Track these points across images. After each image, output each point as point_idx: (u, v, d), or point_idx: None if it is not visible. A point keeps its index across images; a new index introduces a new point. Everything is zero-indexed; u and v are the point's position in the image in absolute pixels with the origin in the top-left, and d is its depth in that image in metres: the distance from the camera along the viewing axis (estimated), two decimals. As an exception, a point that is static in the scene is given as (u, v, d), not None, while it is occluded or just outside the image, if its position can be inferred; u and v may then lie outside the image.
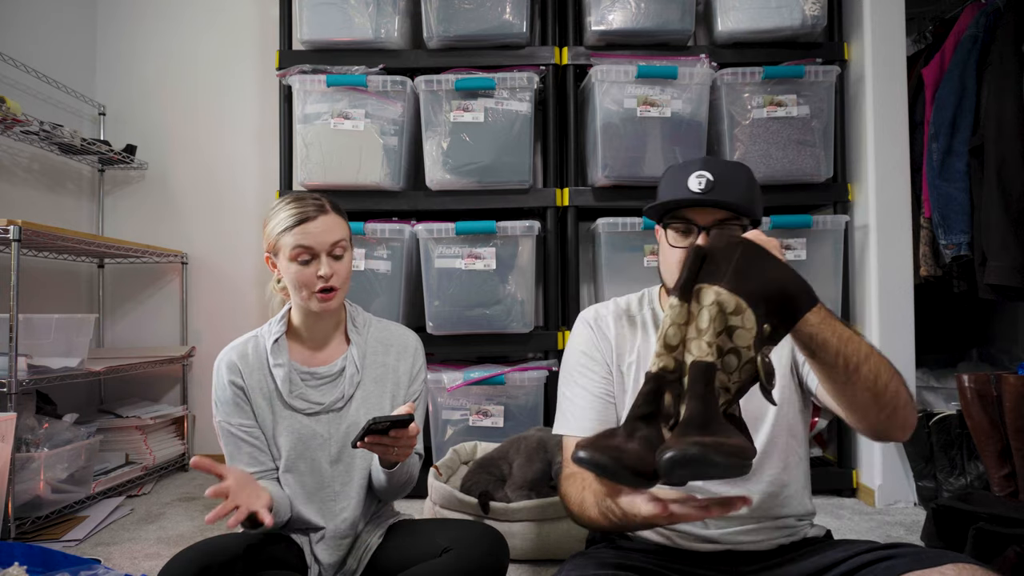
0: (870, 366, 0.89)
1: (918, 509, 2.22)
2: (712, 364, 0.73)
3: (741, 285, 0.74)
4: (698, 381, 0.73)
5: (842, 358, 0.87)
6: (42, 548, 1.56)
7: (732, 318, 0.74)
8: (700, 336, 0.74)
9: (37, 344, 2.09)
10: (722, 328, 0.74)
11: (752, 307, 0.74)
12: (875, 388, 0.89)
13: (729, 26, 2.38)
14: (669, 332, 0.77)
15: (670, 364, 0.77)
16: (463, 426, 2.31)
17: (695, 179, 1.09)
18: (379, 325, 1.44)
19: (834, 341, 0.86)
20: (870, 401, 0.91)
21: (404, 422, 1.15)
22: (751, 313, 0.74)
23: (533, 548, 1.76)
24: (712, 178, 1.08)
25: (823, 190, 2.39)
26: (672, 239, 1.13)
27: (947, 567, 0.88)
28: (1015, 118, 2.12)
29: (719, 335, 0.74)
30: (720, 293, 0.74)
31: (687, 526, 1.11)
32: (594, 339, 1.21)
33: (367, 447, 1.17)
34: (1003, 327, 2.83)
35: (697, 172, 1.09)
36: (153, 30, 2.97)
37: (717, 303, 0.74)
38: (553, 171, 2.48)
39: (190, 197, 2.96)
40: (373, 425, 1.12)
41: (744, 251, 0.77)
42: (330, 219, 1.29)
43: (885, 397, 0.91)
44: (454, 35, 2.37)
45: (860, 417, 0.96)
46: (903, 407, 0.93)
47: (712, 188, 1.07)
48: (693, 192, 1.08)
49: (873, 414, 0.93)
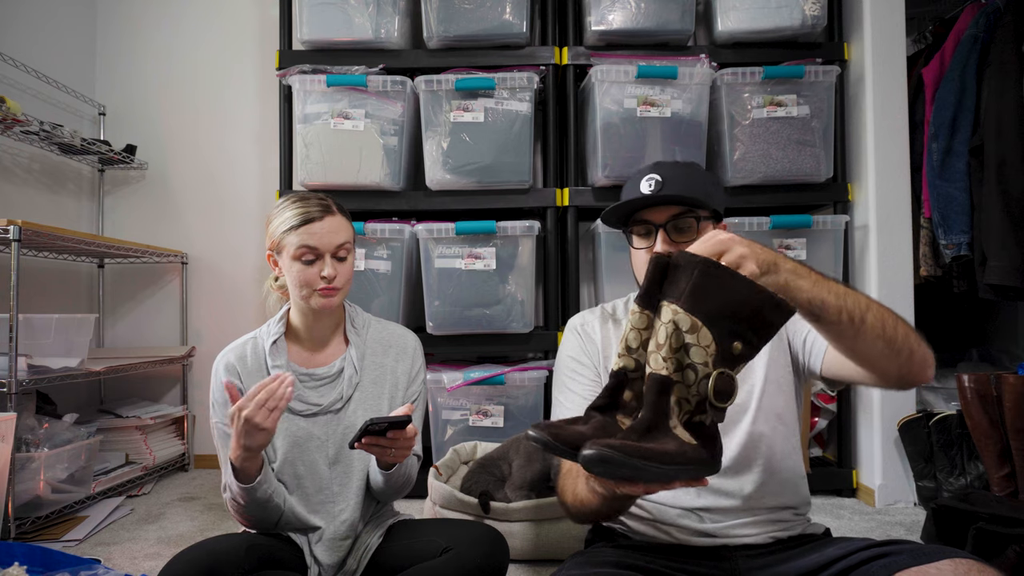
0: (874, 314, 0.90)
1: (918, 509, 2.22)
2: (666, 378, 0.77)
3: (697, 305, 0.77)
4: (651, 391, 0.78)
5: (845, 313, 0.88)
6: (42, 548, 1.56)
7: (688, 336, 0.77)
8: (658, 350, 0.78)
9: (37, 344, 2.09)
10: (679, 345, 0.77)
11: (708, 326, 0.76)
12: (885, 335, 0.91)
13: (729, 26, 2.38)
14: (630, 336, 0.84)
15: (630, 364, 0.84)
16: (463, 426, 2.31)
17: (646, 182, 1.15)
18: (378, 326, 1.44)
19: (832, 299, 0.88)
20: (885, 349, 0.92)
21: (402, 423, 1.15)
22: (707, 332, 0.76)
23: (533, 548, 1.76)
24: (661, 178, 1.14)
25: (823, 190, 2.40)
26: (636, 242, 1.19)
27: (944, 563, 0.88)
28: (1015, 118, 2.12)
29: (676, 351, 0.77)
30: (677, 312, 0.77)
31: (683, 520, 1.12)
32: (582, 344, 1.26)
33: (364, 448, 1.17)
34: (1003, 327, 2.83)
35: (648, 176, 1.16)
36: (153, 30, 2.97)
37: (673, 321, 0.77)
38: (553, 171, 2.48)
39: (190, 197, 2.97)
40: (370, 426, 1.13)
41: (702, 271, 0.78)
42: (336, 221, 1.30)
43: (898, 341, 0.92)
44: (454, 35, 2.37)
45: (882, 369, 0.96)
46: (917, 346, 0.94)
47: (662, 187, 1.13)
48: (644, 195, 1.14)
49: (893, 362, 0.94)
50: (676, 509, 1.13)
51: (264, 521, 1.28)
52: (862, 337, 0.91)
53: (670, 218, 1.14)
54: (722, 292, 0.77)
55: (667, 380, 0.77)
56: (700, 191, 1.14)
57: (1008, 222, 2.10)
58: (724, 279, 0.78)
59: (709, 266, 0.79)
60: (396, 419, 1.14)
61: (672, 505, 1.13)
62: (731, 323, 0.77)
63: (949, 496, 1.94)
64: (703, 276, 0.78)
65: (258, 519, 1.27)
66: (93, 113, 2.92)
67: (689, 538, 1.12)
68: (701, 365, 0.76)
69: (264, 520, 1.28)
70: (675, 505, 1.13)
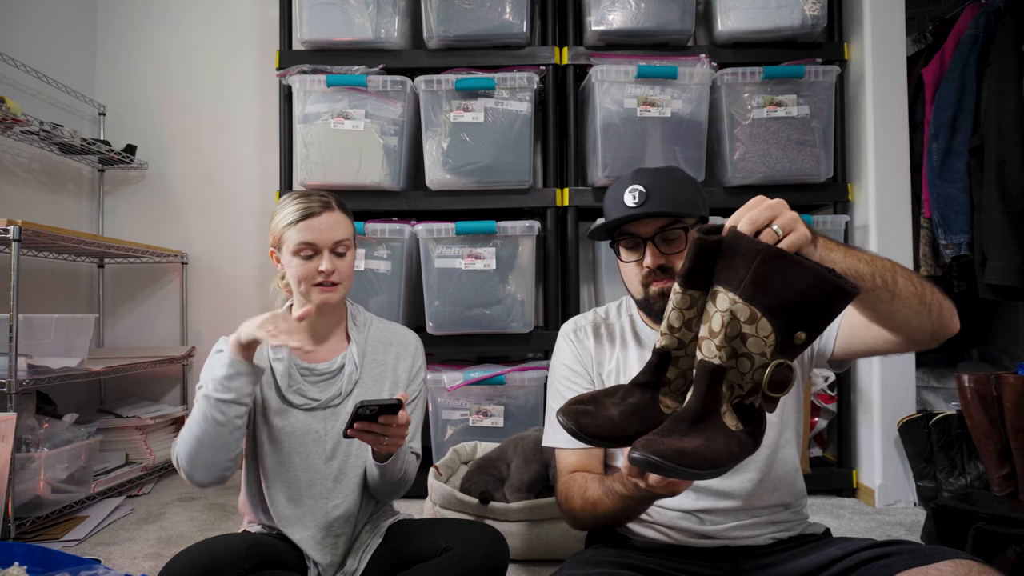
0: (901, 274, 0.90)
1: (918, 509, 2.22)
2: (719, 366, 0.74)
3: (758, 295, 0.73)
4: (702, 379, 0.75)
5: (879, 279, 0.87)
6: (42, 548, 1.56)
7: (745, 326, 0.74)
8: (711, 337, 0.75)
9: (37, 344, 2.09)
10: (735, 334, 0.74)
11: (769, 316, 0.73)
12: (916, 292, 0.90)
13: (729, 26, 2.38)
14: (672, 315, 0.82)
15: (672, 343, 0.83)
16: (463, 426, 2.31)
17: (629, 194, 1.13)
18: (380, 324, 1.45)
19: (866, 268, 0.86)
20: (919, 307, 0.91)
21: (393, 407, 1.14)
22: (767, 323, 0.73)
23: (533, 548, 1.76)
24: (644, 189, 1.12)
25: (823, 190, 2.40)
26: (624, 255, 1.18)
27: (944, 563, 0.88)
28: (1015, 118, 2.12)
29: (731, 340, 0.74)
30: (736, 302, 0.74)
31: (682, 522, 1.12)
32: (575, 352, 1.26)
33: (357, 435, 1.17)
34: (1003, 327, 2.83)
35: (630, 187, 1.14)
36: (153, 30, 2.97)
37: (731, 311, 0.74)
38: (553, 171, 2.48)
39: (190, 197, 2.96)
40: (360, 409, 1.12)
41: (764, 259, 0.73)
42: (335, 217, 1.30)
43: (927, 297, 0.92)
44: (454, 35, 2.37)
45: (916, 329, 0.95)
46: (943, 298, 0.94)
47: (645, 200, 1.11)
48: (629, 207, 1.12)
49: (927, 319, 0.93)
50: (676, 511, 1.13)
51: (212, 455, 1.20)
52: (898, 299, 0.89)
53: (657, 230, 1.13)
54: (786, 282, 0.72)
55: (720, 369, 0.74)
56: (685, 198, 1.14)
57: (1008, 222, 2.10)
58: (788, 268, 0.73)
59: (772, 255, 0.74)
60: (386, 402, 1.13)
61: (671, 508, 1.13)
62: (794, 313, 0.73)
63: (949, 496, 1.94)
64: (764, 265, 0.73)
65: (208, 448, 1.20)
66: (93, 113, 2.92)
67: (689, 540, 1.12)
68: (758, 355, 0.74)
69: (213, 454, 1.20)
70: (675, 507, 1.13)
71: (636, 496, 0.90)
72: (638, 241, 1.15)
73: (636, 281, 1.17)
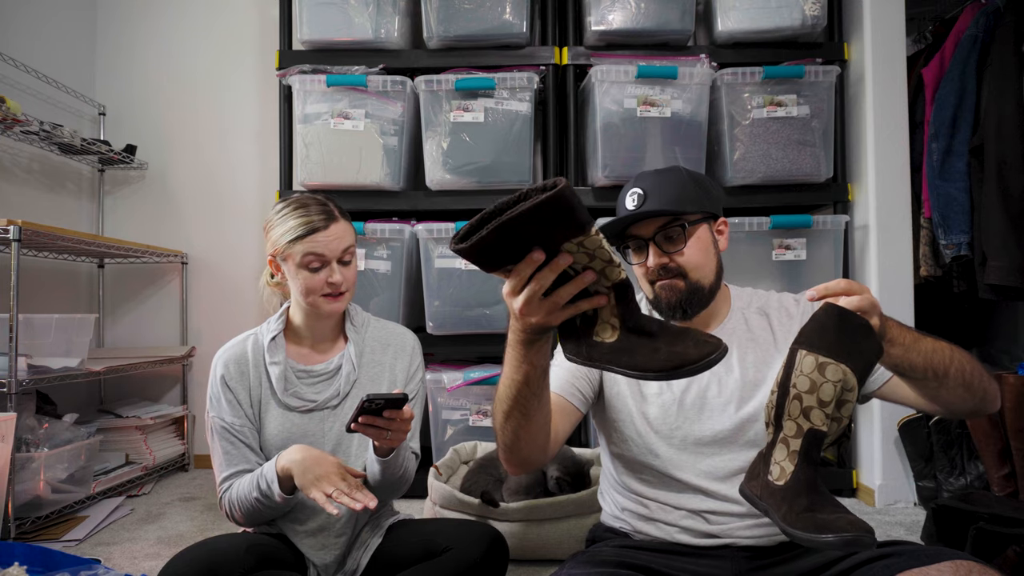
0: (956, 366, 0.95)
1: (918, 509, 2.22)
2: (825, 433, 0.82)
3: (858, 365, 0.82)
4: (813, 448, 0.83)
5: (931, 371, 0.94)
6: (42, 548, 1.56)
7: (847, 394, 0.82)
8: (821, 407, 0.82)
9: (37, 344, 2.09)
10: (841, 402, 0.82)
11: (860, 384, 0.82)
12: (964, 381, 0.96)
13: (729, 26, 2.38)
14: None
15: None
16: (463, 426, 2.31)
17: (629, 198, 1.15)
18: (377, 324, 1.45)
19: (919, 361, 0.92)
20: (964, 394, 0.98)
21: (398, 401, 1.14)
22: (858, 388, 0.82)
23: (533, 548, 1.76)
24: (643, 191, 1.14)
25: (823, 190, 2.39)
26: (632, 257, 1.20)
27: (944, 564, 0.88)
28: (1015, 118, 2.12)
29: (838, 408, 0.82)
30: (847, 373, 0.81)
31: (687, 521, 1.12)
32: None
33: (361, 429, 1.17)
34: (1003, 327, 2.83)
35: (631, 191, 1.16)
36: (153, 30, 2.97)
37: (843, 382, 0.81)
38: (553, 171, 2.48)
39: (190, 197, 2.96)
40: (367, 404, 1.12)
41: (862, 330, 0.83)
42: (339, 227, 1.30)
43: (974, 385, 0.97)
44: (454, 35, 2.37)
45: (957, 408, 1.02)
46: (989, 384, 1.00)
47: (644, 201, 1.13)
48: (628, 211, 1.14)
49: (968, 403, 1.00)
50: (682, 511, 1.13)
51: (264, 520, 1.30)
52: (944, 387, 0.96)
53: (657, 230, 1.14)
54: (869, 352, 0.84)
55: (823, 435, 0.82)
56: (684, 196, 1.14)
57: (1008, 222, 2.10)
58: (868, 336, 0.84)
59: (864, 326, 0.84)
60: (393, 396, 1.13)
61: (677, 507, 1.13)
62: None
63: (949, 496, 1.94)
64: (862, 334, 0.83)
65: (263, 519, 1.30)
66: (93, 113, 2.92)
67: (692, 539, 1.12)
68: (846, 417, 0.84)
69: (265, 519, 1.30)
70: (681, 507, 1.13)
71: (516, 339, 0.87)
72: (641, 243, 1.16)
73: (644, 282, 1.19)
